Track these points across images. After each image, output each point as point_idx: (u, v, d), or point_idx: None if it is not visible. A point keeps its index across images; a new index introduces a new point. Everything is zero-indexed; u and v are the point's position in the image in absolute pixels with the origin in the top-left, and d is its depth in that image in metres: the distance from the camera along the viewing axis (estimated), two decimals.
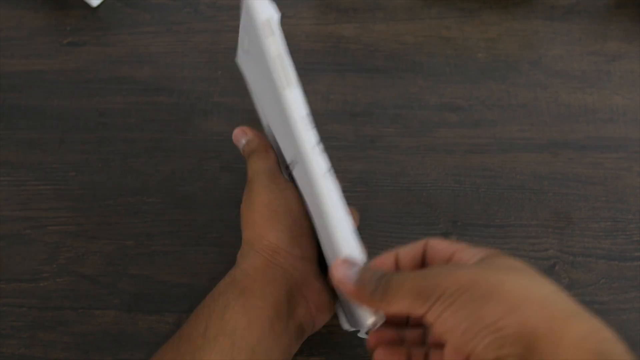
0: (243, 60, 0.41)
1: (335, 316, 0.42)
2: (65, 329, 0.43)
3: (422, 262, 0.32)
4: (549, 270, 0.44)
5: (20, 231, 0.46)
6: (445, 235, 0.45)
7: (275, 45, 0.33)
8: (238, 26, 0.53)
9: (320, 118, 0.49)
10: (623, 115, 0.48)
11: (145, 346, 0.42)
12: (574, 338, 0.25)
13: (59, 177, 0.48)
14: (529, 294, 0.27)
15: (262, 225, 0.36)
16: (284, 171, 0.39)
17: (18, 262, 0.45)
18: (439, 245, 0.31)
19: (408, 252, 0.32)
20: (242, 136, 0.40)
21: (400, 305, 0.28)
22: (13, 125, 0.50)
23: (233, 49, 0.52)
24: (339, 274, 0.31)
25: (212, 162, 0.48)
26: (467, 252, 0.30)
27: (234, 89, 0.49)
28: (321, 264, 0.38)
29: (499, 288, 0.27)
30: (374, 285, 0.29)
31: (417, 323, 0.34)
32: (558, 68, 0.50)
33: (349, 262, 0.31)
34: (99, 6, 0.54)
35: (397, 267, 0.33)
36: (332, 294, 0.37)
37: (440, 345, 0.31)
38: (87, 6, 0.54)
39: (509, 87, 0.49)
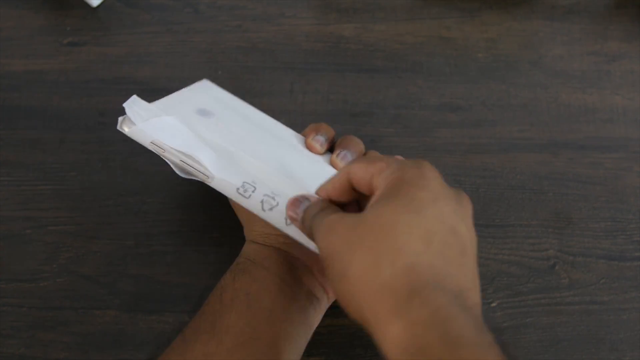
0: None
1: (336, 316, 0.42)
2: (65, 329, 0.43)
3: (354, 189, 0.32)
4: (549, 270, 0.44)
5: (20, 231, 0.46)
6: None
7: (173, 157, 0.37)
8: (238, 26, 0.53)
9: (320, 118, 0.49)
10: (623, 115, 0.48)
11: (145, 346, 0.42)
12: (392, 339, 0.25)
13: (59, 177, 0.48)
14: (366, 284, 0.26)
15: (249, 220, 0.39)
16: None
17: (18, 262, 0.45)
18: (359, 173, 0.30)
19: (336, 187, 0.32)
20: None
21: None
22: (13, 125, 0.50)
23: (233, 48, 0.52)
24: (289, 212, 0.34)
25: None
26: (378, 180, 0.29)
27: (234, 89, 0.49)
28: None
29: (346, 271, 0.27)
30: (307, 226, 0.32)
31: None
32: (558, 68, 0.50)
33: (298, 200, 0.33)
34: (99, 6, 0.54)
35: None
36: None
37: None
38: (87, 6, 0.54)
39: (509, 87, 0.49)
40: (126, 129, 0.37)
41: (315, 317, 0.38)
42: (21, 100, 0.51)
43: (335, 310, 0.42)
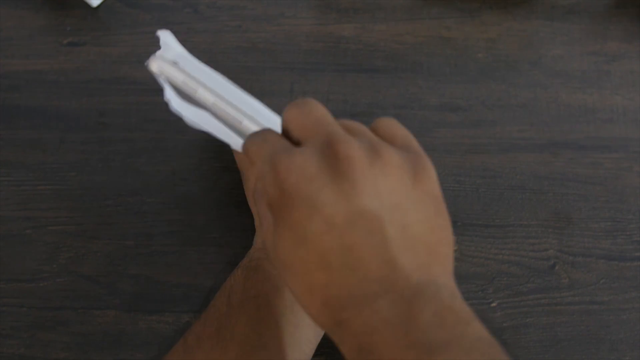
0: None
1: None
2: (65, 329, 0.43)
3: None
4: (549, 270, 0.44)
5: (20, 231, 0.46)
6: None
7: (207, 95, 0.35)
8: (238, 26, 0.53)
9: None
10: (623, 115, 0.48)
11: (145, 346, 0.42)
12: (342, 338, 0.23)
13: (59, 177, 0.48)
14: (304, 296, 0.24)
15: None
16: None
17: (18, 262, 0.45)
18: (241, 165, 0.31)
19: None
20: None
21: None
22: (13, 125, 0.50)
23: (233, 48, 0.52)
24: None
25: (212, 162, 0.48)
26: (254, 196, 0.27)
27: None
28: None
29: (285, 280, 0.25)
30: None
31: None
32: (558, 68, 0.50)
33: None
34: (99, 6, 0.54)
35: None
36: None
37: None
38: (87, 6, 0.54)
39: (509, 87, 0.49)
40: (154, 66, 0.35)
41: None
42: (21, 100, 0.51)
43: None
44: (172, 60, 0.36)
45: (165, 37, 0.37)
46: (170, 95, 0.36)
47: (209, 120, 0.35)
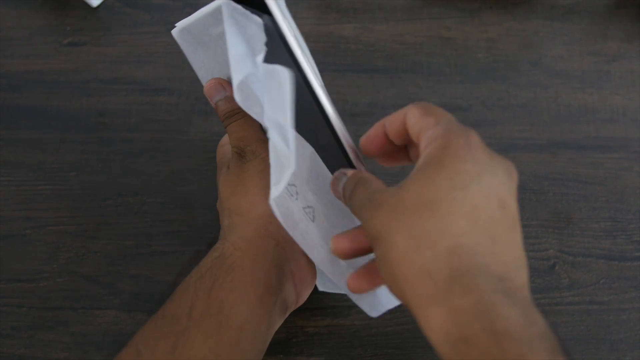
0: (189, 39, 0.37)
1: (336, 316, 0.42)
2: (65, 329, 0.43)
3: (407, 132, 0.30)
4: (549, 270, 0.44)
5: (20, 231, 0.46)
6: None
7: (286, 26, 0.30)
8: None
9: None
10: (623, 115, 0.48)
11: None
12: (434, 327, 0.24)
13: (59, 177, 0.48)
14: (406, 267, 0.25)
15: (256, 194, 0.34)
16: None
17: (18, 262, 0.45)
18: (413, 119, 0.29)
19: (393, 122, 0.30)
20: (218, 91, 0.36)
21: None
22: (13, 125, 0.50)
23: None
24: (332, 191, 0.32)
25: (212, 162, 0.48)
26: (423, 139, 0.27)
27: None
28: None
29: (388, 254, 0.25)
30: (348, 204, 0.29)
31: None
32: (558, 68, 0.50)
33: (337, 178, 0.31)
34: (99, 6, 0.54)
35: (388, 138, 0.31)
36: (313, 272, 0.36)
37: None
38: (87, 6, 0.54)
39: (509, 87, 0.49)
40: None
41: (280, 324, 0.35)
42: (21, 100, 0.51)
43: (335, 310, 0.42)
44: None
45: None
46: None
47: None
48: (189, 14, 0.55)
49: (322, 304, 0.42)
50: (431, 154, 0.26)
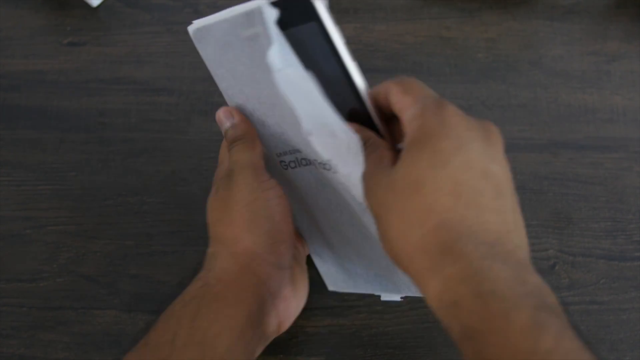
0: (208, 38, 0.37)
1: (336, 316, 0.42)
2: (65, 329, 0.43)
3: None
4: (549, 270, 0.44)
5: (20, 231, 0.46)
6: None
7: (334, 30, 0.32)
8: None
9: None
10: (623, 115, 0.48)
11: None
12: (431, 295, 0.25)
13: (59, 177, 0.48)
14: (402, 246, 0.26)
15: (240, 227, 0.34)
16: (272, 161, 0.37)
17: (18, 262, 0.45)
18: (394, 97, 0.29)
19: (379, 98, 0.31)
20: (227, 118, 0.36)
21: None
22: (13, 125, 0.50)
23: None
24: None
25: (212, 162, 0.48)
26: (406, 120, 0.28)
27: None
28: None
29: (386, 233, 0.27)
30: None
31: None
32: (558, 68, 0.50)
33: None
34: (99, 6, 0.54)
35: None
36: (298, 302, 0.38)
37: None
38: (87, 6, 0.54)
39: (509, 87, 0.49)
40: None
41: (259, 353, 0.35)
42: (21, 100, 0.51)
43: (335, 310, 0.42)
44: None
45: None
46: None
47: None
48: (189, 14, 0.55)
49: (322, 304, 0.42)
50: (412, 136, 0.27)
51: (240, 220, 0.33)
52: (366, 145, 0.30)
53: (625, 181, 0.46)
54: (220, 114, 0.36)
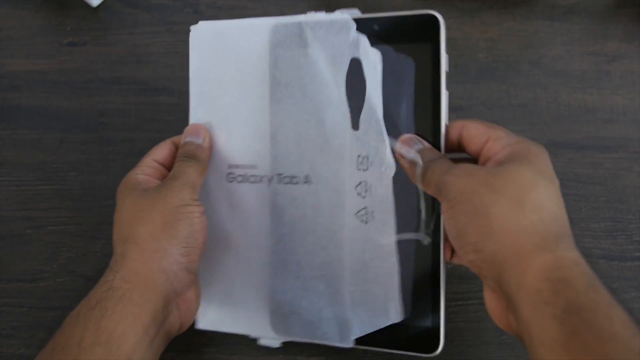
0: (213, 41, 0.39)
1: None
2: None
3: (458, 144, 0.36)
4: None
5: (20, 231, 0.46)
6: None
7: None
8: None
9: None
10: (623, 115, 0.48)
11: None
12: (537, 269, 0.28)
13: (59, 177, 0.48)
14: (511, 222, 0.29)
15: (160, 226, 0.35)
16: (219, 171, 0.40)
17: (18, 262, 0.45)
18: (475, 130, 0.35)
19: (448, 137, 0.36)
20: (197, 137, 0.39)
21: (430, 192, 0.34)
22: (13, 125, 0.50)
23: None
24: (402, 150, 0.36)
25: None
26: (497, 145, 0.33)
27: None
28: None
29: (487, 209, 0.30)
30: (419, 168, 0.34)
31: None
32: (558, 68, 0.50)
33: (411, 140, 0.36)
34: (99, 6, 0.54)
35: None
36: (198, 306, 0.39)
37: None
38: (87, 6, 0.54)
39: (509, 87, 0.49)
40: None
41: (162, 350, 0.37)
42: (21, 100, 0.51)
43: None
44: None
45: None
46: None
47: None
48: (189, 14, 0.55)
49: None
50: (515, 152, 0.32)
51: (161, 220, 0.35)
52: (439, 153, 0.35)
53: (625, 181, 0.46)
54: (196, 129, 0.40)
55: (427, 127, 0.36)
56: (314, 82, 0.37)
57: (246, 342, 0.42)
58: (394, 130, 0.36)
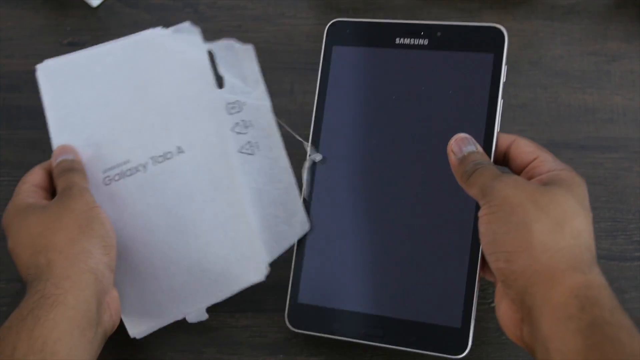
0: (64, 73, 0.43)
1: None
2: None
3: (503, 155, 0.38)
4: None
5: None
6: None
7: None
8: (238, 26, 0.53)
9: None
10: (623, 115, 0.48)
11: (145, 346, 0.42)
12: (567, 287, 0.30)
13: None
14: (550, 241, 0.31)
15: (75, 230, 0.36)
16: (95, 181, 0.42)
17: None
18: (525, 147, 0.37)
19: (500, 142, 0.38)
20: (66, 155, 0.41)
21: (472, 192, 0.35)
22: (13, 125, 0.50)
23: None
24: (455, 147, 0.37)
25: None
26: (544, 166, 0.35)
27: None
28: None
29: (530, 224, 0.31)
30: (468, 168, 0.36)
31: None
32: (558, 68, 0.50)
33: (467, 139, 0.37)
34: (99, 6, 0.54)
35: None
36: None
37: None
38: (87, 6, 0.54)
39: (509, 87, 0.49)
40: None
41: (100, 350, 0.37)
42: (21, 100, 0.51)
43: None
44: None
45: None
46: None
47: None
48: (189, 14, 0.55)
49: None
50: (561, 177, 0.34)
51: (74, 224, 0.36)
52: (489, 160, 0.37)
53: (625, 181, 0.46)
54: (60, 150, 0.42)
55: (480, 133, 0.38)
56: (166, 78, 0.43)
57: (246, 342, 0.42)
58: (449, 130, 0.38)
